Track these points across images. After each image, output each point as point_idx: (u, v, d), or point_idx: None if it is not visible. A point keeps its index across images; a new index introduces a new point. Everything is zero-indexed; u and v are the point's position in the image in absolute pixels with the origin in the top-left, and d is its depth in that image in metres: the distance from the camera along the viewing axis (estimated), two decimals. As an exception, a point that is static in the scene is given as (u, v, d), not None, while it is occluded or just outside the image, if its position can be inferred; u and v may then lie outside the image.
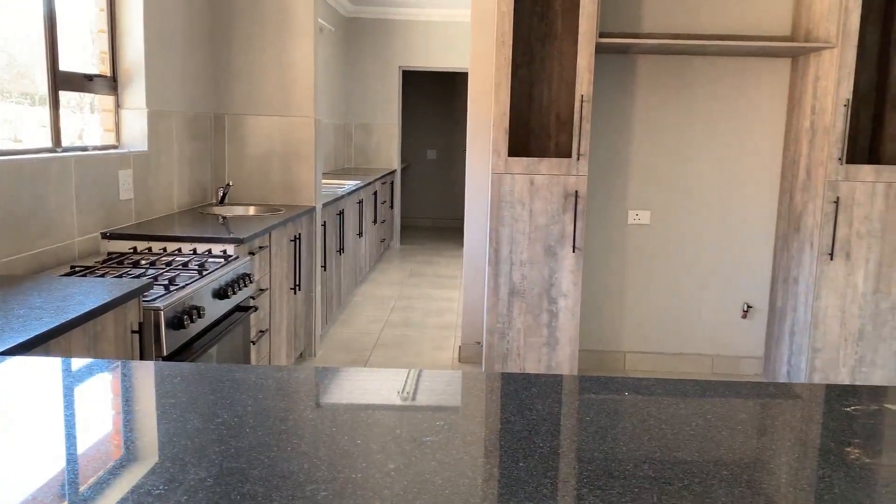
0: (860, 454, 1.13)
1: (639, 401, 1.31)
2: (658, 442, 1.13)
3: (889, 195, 3.58)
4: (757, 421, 1.25)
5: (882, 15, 3.89)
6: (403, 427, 1.16)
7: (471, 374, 1.44)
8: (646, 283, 4.19)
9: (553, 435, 1.15)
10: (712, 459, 1.08)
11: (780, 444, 1.16)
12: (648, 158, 4.10)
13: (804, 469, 1.07)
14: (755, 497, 0.97)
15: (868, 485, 1.03)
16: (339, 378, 1.41)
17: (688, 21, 3.98)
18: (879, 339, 3.66)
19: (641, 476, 1.01)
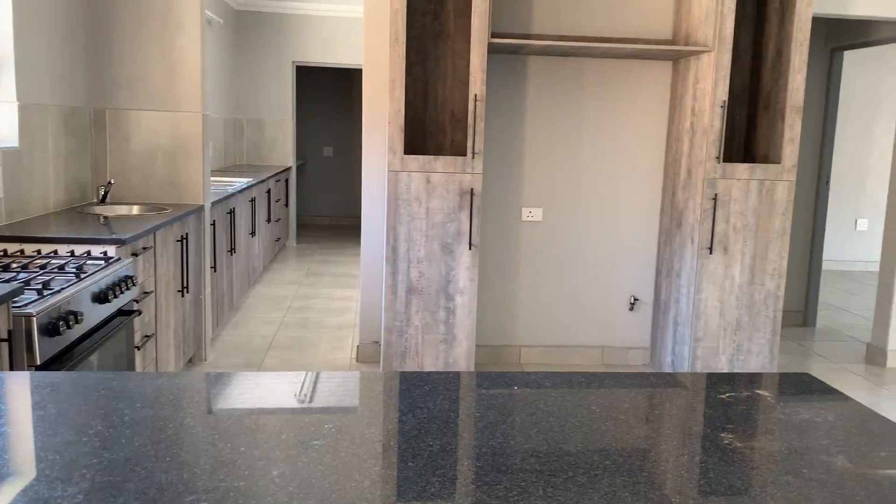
0: (733, 439, 1.19)
1: (528, 394, 1.33)
2: (545, 435, 1.15)
3: (762, 192, 3.80)
4: (639, 410, 1.29)
5: (754, 21, 4.13)
6: (290, 431, 1.13)
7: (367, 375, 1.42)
8: (539, 279, 4.28)
9: (443, 433, 1.15)
10: (597, 450, 1.11)
11: (660, 432, 1.20)
12: (541, 157, 4.19)
13: (682, 455, 1.12)
14: (636, 485, 1.00)
15: (740, 468, 1.08)
16: (226, 383, 1.36)
17: (576, 24, 4.09)
18: (754, 329, 3.89)
19: (528, 469, 1.03)
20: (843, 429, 1.26)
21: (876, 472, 1.09)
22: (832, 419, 1.30)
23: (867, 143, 7.58)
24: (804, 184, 5.34)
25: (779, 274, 3.86)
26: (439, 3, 3.94)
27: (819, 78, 5.25)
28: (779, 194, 3.81)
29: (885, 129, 7.54)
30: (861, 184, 7.65)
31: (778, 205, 3.82)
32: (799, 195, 5.33)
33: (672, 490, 0.99)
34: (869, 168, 7.62)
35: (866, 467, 1.11)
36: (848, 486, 1.04)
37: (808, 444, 1.18)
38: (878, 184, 7.60)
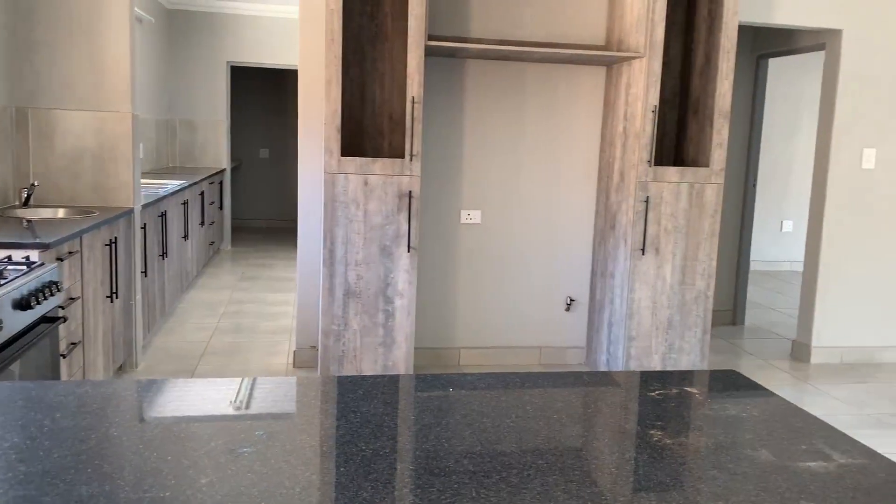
0: (662, 436, 1.21)
1: (463, 396, 1.33)
2: (479, 436, 1.15)
3: (691, 194, 3.91)
4: (572, 409, 1.31)
5: (684, 28, 4.25)
6: (220, 439, 1.11)
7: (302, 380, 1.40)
8: (477, 281, 4.31)
9: (377, 436, 1.14)
10: (529, 449, 1.11)
11: (592, 430, 1.22)
12: (480, 159, 4.22)
13: (613, 453, 1.13)
14: (567, 483, 1.01)
15: (668, 464, 1.11)
16: (156, 390, 1.32)
17: (514, 28, 4.13)
18: (685, 327, 4.00)
19: (462, 471, 1.03)
20: (767, 423, 1.30)
21: (797, 465, 1.13)
22: (757, 414, 1.34)
23: (791, 148, 7.88)
24: (732, 187, 5.51)
25: (708, 274, 3.97)
26: (376, 4, 3.92)
27: (746, 84, 5.43)
28: (708, 197, 3.92)
29: (808, 134, 7.85)
30: (786, 187, 7.95)
31: (707, 207, 3.93)
32: (727, 198, 5.50)
33: (603, 487, 1.01)
34: (793, 171, 7.92)
35: (788, 460, 1.15)
36: (771, 479, 1.07)
37: (733, 439, 1.22)
38: (802, 187, 7.91)
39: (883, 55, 4.45)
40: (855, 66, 4.44)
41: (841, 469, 1.13)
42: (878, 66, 4.46)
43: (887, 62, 4.46)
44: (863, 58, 4.44)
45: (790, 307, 6.22)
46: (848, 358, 4.66)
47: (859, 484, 1.08)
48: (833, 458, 1.17)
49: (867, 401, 3.96)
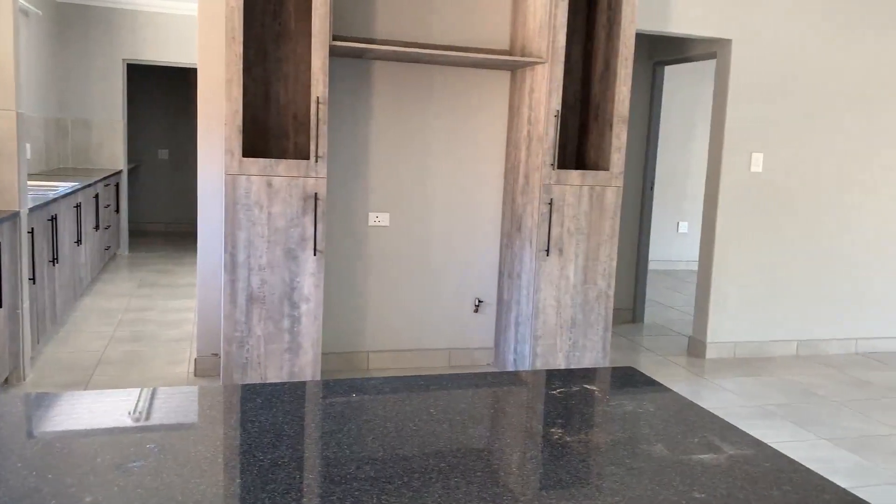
0: (562, 433, 1.23)
1: (366, 401, 1.32)
2: (381, 441, 1.14)
3: (592, 197, 4.01)
4: (475, 410, 1.31)
5: (584, 35, 4.37)
6: (108, 454, 1.05)
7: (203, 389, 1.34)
8: (386, 283, 4.29)
9: (275, 446, 1.10)
10: (432, 453, 1.11)
11: (494, 431, 1.22)
12: (387, 162, 4.20)
13: (514, 453, 1.14)
14: (469, 485, 1.01)
15: (568, 462, 1.13)
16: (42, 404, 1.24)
17: (420, 31, 4.14)
18: (588, 325, 4.10)
19: (363, 478, 1.01)
20: (663, 418, 1.34)
21: (690, 458, 1.17)
22: (653, 410, 1.38)
23: (687, 152, 8.23)
24: (631, 189, 5.70)
25: (609, 274, 4.09)
26: (279, 3, 3.85)
27: (644, 90, 5.63)
28: (608, 199, 4.04)
29: (702, 139, 8.22)
30: (682, 189, 8.29)
31: (607, 209, 4.05)
32: (627, 200, 5.69)
33: (504, 487, 1.01)
34: (689, 175, 8.27)
35: (682, 453, 1.19)
36: (665, 473, 1.11)
37: (630, 435, 1.25)
38: (697, 189, 8.28)
39: (769, 64, 4.71)
40: (744, 74, 4.67)
41: (730, 460, 1.18)
42: (766, 74, 4.71)
43: (773, 70, 4.72)
44: (751, 66, 4.68)
45: (687, 305, 6.49)
46: (740, 352, 4.90)
47: (747, 473, 1.13)
48: (723, 449, 1.22)
49: (758, 392, 4.17)
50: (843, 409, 3.95)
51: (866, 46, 4.85)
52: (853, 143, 4.93)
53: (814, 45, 4.76)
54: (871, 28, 4.84)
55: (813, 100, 4.81)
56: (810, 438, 3.52)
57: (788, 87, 4.76)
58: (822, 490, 1.09)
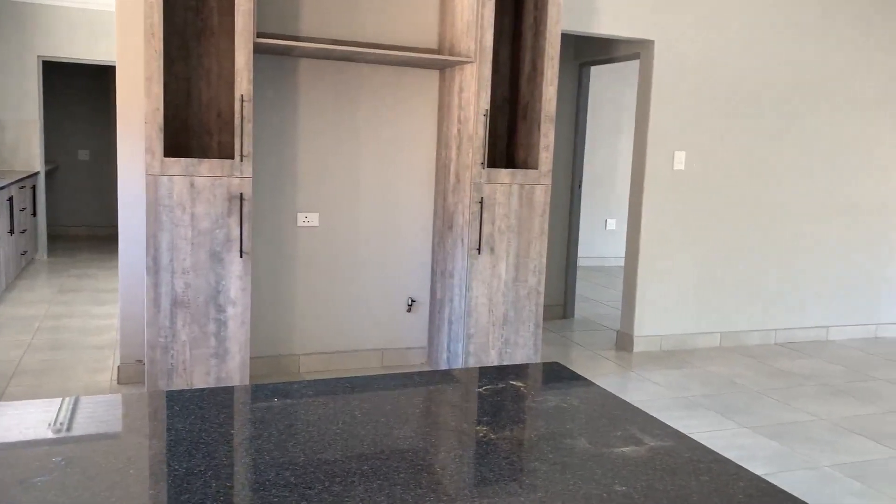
0: (488, 431, 1.23)
1: (288, 405, 1.29)
2: (303, 446, 1.12)
3: (522, 195, 4.05)
4: (401, 411, 1.30)
5: (511, 35, 4.40)
6: (9, 469, 0.99)
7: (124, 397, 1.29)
8: (317, 285, 4.23)
9: (191, 454, 1.07)
10: (355, 456, 1.09)
11: (419, 431, 1.21)
12: (316, 161, 4.14)
13: (439, 453, 1.13)
14: (392, 487, 1.00)
15: (493, 459, 1.12)
16: (-72, 421, 1.17)
17: (348, 29, 4.09)
18: (520, 322, 4.14)
19: (282, 484, 0.98)
20: (586, 412, 1.36)
21: (612, 451, 1.19)
22: (577, 404, 1.40)
23: (614, 151, 8.41)
24: (560, 187, 5.78)
25: (539, 271, 4.14)
26: (201, -1, 3.74)
27: (571, 90, 5.72)
28: (537, 197, 4.08)
29: (629, 138, 8.41)
30: (610, 187, 8.47)
31: (537, 207, 4.09)
32: (556, 198, 5.77)
33: (427, 488, 1.00)
34: (616, 173, 8.45)
35: (604, 447, 1.20)
36: (587, 467, 1.12)
37: (554, 430, 1.26)
38: (624, 187, 8.46)
39: (691, 65, 4.84)
40: (666, 74, 4.80)
41: (651, 452, 1.20)
42: (687, 74, 4.84)
43: (694, 71, 4.86)
44: (673, 67, 4.81)
45: (616, 300, 6.62)
46: (666, 345, 5.03)
47: (667, 465, 1.15)
48: (644, 442, 1.24)
49: (682, 384, 4.29)
50: (763, 397, 4.10)
51: (783, 51, 5.04)
52: (771, 142, 5.12)
53: (733, 47, 4.92)
54: (788, 33, 5.03)
55: (732, 100, 4.98)
56: (732, 427, 3.63)
57: (709, 87, 4.91)
58: (737, 478, 1.12)
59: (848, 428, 3.67)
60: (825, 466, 3.20)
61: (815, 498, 2.90)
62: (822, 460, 3.26)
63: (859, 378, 4.53)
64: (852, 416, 3.84)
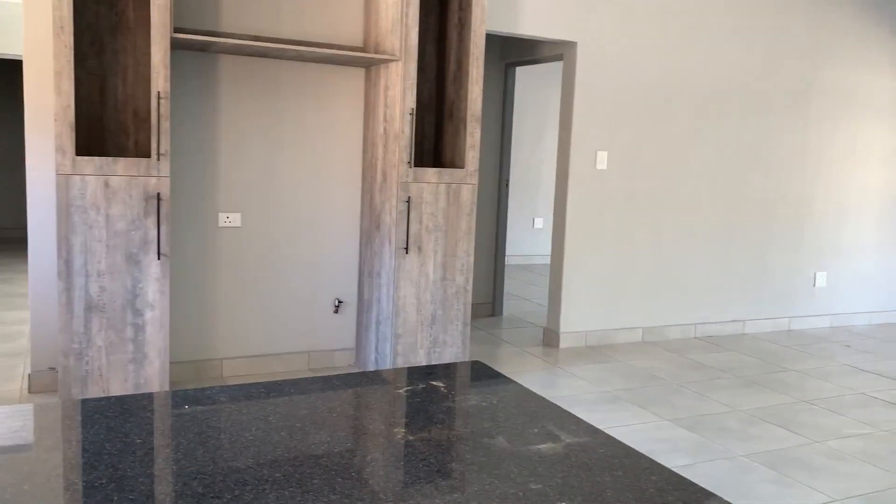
0: (405, 433, 1.22)
1: (200, 413, 1.25)
2: (213, 454, 1.08)
3: (449, 194, 4.06)
4: (317, 415, 1.27)
5: (437, 34, 4.40)
6: None
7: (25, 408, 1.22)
8: (240, 287, 4.13)
9: (94, 466, 1.02)
10: (267, 462, 1.06)
11: (335, 436, 1.19)
12: (238, 160, 4.05)
13: (355, 457, 1.12)
14: (304, 494, 0.98)
15: (410, 461, 1.11)
16: None
17: (270, 25, 4.01)
18: (448, 321, 4.15)
19: (189, 494, 0.95)
20: (505, 411, 1.36)
21: (528, 449, 1.19)
22: (496, 402, 1.40)
23: (540, 151, 8.52)
24: (488, 187, 5.83)
25: (467, 270, 4.16)
26: (114, -9, 3.61)
27: (497, 90, 5.77)
28: (464, 196, 4.10)
29: (554, 138, 8.54)
30: (537, 186, 8.58)
31: (464, 206, 4.10)
32: (484, 197, 5.81)
33: (342, 493, 0.98)
34: (542, 172, 8.57)
35: (521, 445, 1.21)
36: (504, 465, 1.12)
37: (472, 430, 1.26)
38: (550, 186, 8.59)
39: (612, 66, 4.95)
40: (588, 75, 4.89)
41: (567, 448, 1.21)
42: (609, 75, 4.95)
43: (616, 73, 4.96)
44: (595, 68, 4.90)
45: (543, 297, 6.71)
46: (591, 341, 5.13)
47: (582, 461, 1.17)
48: (561, 438, 1.25)
49: (606, 379, 4.38)
50: (683, 390, 4.22)
51: (701, 54, 5.20)
52: (690, 141, 5.28)
53: (653, 50, 5.05)
54: (705, 38, 5.20)
55: (653, 101, 5.11)
56: (653, 420, 3.73)
57: (630, 88, 5.03)
58: (650, 472, 1.14)
59: (762, 418, 3.82)
60: (740, 456, 3.31)
61: (731, 487, 3.00)
62: (737, 450, 3.38)
63: (772, 370, 4.72)
64: (766, 407, 3.99)
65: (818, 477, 3.12)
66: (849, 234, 6.04)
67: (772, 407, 3.99)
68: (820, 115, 5.75)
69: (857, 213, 6.06)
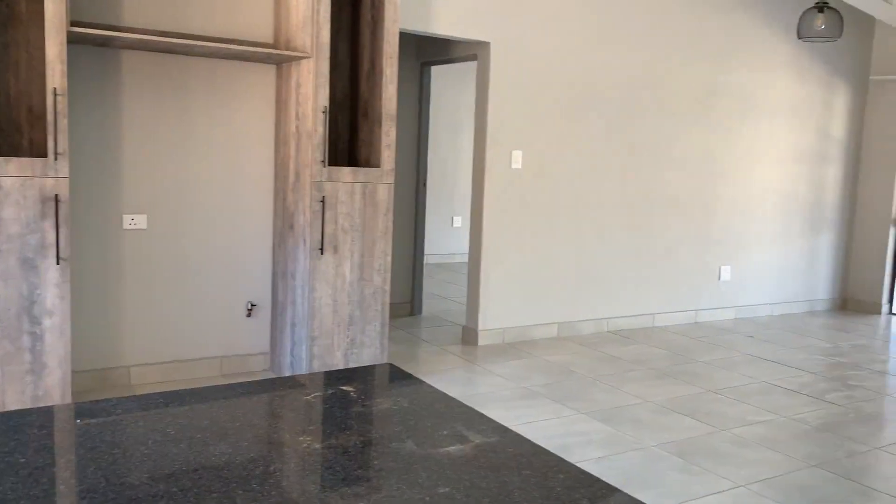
0: (311, 441, 1.19)
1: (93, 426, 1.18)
2: (104, 470, 1.03)
3: (365, 194, 4.02)
4: (219, 425, 1.23)
5: (350, 31, 4.35)
6: None
7: None
8: (147, 291, 3.98)
9: (-31, 490, 0.95)
10: (163, 477, 1.02)
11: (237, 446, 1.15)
12: (143, 159, 3.89)
13: (257, 467, 1.08)
14: (201, 509, 0.94)
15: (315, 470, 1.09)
16: None
17: (177, 19, 3.87)
18: (366, 322, 4.11)
19: (75, 517, 0.90)
20: (415, 413, 1.35)
21: (437, 451, 1.19)
22: (407, 405, 1.39)
23: (458, 150, 8.57)
24: (405, 186, 5.81)
25: (385, 269, 4.13)
26: (4, -19, 3.40)
27: (413, 89, 5.76)
28: (380, 196, 4.07)
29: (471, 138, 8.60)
30: (455, 185, 8.62)
31: (380, 206, 4.07)
32: (401, 196, 5.79)
33: (241, 507, 0.95)
34: (460, 171, 8.62)
35: (430, 448, 1.20)
36: (412, 470, 1.11)
37: (381, 435, 1.24)
38: (469, 186, 8.65)
39: (525, 66, 5.01)
40: (502, 75, 4.93)
41: (476, 449, 1.21)
42: (522, 76, 5.01)
43: (529, 74, 5.03)
44: (509, 68, 4.95)
45: (462, 296, 6.75)
46: (509, 337, 5.18)
47: (491, 462, 1.16)
48: (470, 439, 1.25)
49: (523, 375, 4.44)
50: (597, 383, 4.32)
51: (613, 57, 5.33)
52: (602, 141, 5.40)
53: (566, 50, 5.14)
54: (617, 41, 5.33)
55: (565, 101, 5.20)
56: (568, 414, 3.80)
57: (543, 89, 5.10)
58: (558, 470, 1.15)
59: (671, 408, 3.95)
60: (652, 446, 3.41)
61: (642, 477, 3.09)
62: (648, 440, 3.48)
63: (681, 361, 4.89)
64: (675, 397, 4.13)
65: (724, 464, 3.25)
66: (751, 229, 6.32)
67: (681, 397, 4.13)
68: (725, 116, 5.98)
69: (759, 209, 6.34)
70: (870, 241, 6.84)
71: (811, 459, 3.34)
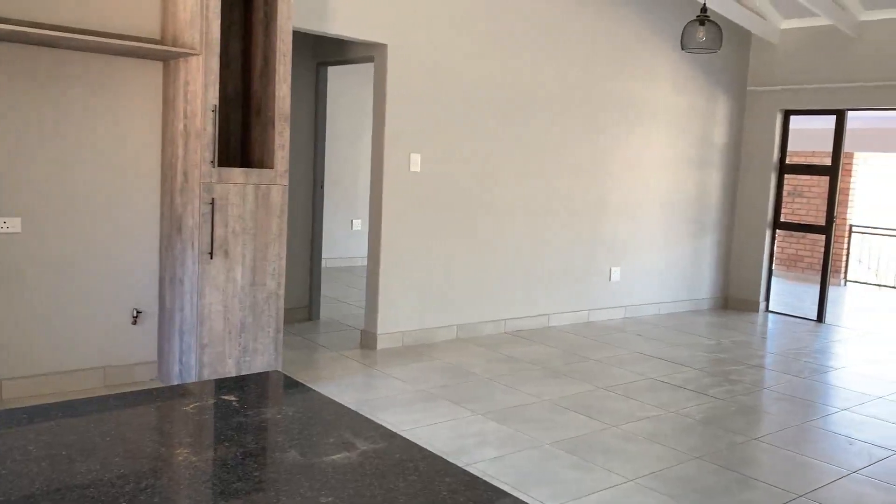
0: (188, 454, 1.14)
1: (-58, 448, 1.09)
2: (-49, 497, 0.94)
3: (258, 195, 3.91)
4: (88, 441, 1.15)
5: (242, 28, 4.23)
6: None
7: None
8: (20, 298, 3.72)
9: None
10: (21, 499, 0.94)
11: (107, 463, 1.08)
12: (16, 158, 3.64)
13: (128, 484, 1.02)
14: (61, 533, 0.87)
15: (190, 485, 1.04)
16: None
17: (53, 11, 3.65)
18: (259, 328, 4.00)
19: (-87, 549, 0.82)
20: (300, 422, 1.31)
21: (322, 460, 1.16)
22: (292, 414, 1.35)
23: (357, 152, 8.49)
24: (302, 188, 5.70)
25: (279, 273, 4.03)
26: None
27: (309, 89, 5.66)
28: (274, 198, 3.97)
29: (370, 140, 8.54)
30: (354, 188, 8.55)
31: (274, 208, 3.98)
32: (298, 199, 5.68)
33: (106, 529, 0.89)
34: (360, 174, 8.54)
35: (315, 457, 1.17)
36: (294, 481, 1.07)
37: (263, 445, 1.20)
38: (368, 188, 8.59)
39: (423, 68, 5.02)
40: (399, 78, 4.92)
41: (362, 457, 1.18)
42: (420, 78, 5.01)
43: (426, 75, 5.04)
44: (406, 71, 4.95)
45: (361, 299, 6.69)
46: (408, 341, 5.17)
47: (377, 468, 1.14)
48: (357, 446, 1.22)
49: (422, 377, 4.44)
50: (493, 383, 4.38)
51: (506, 61, 5.41)
52: (497, 144, 5.48)
53: (462, 54, 5.18)
54: (509, 46, 5.41)
55: (462, 104, 5.24)
56: (466, 415, 3.83)
57: (441, 92, 5.13)
58: (444, 474, 1.14)
59: (565, 406, 4.04)
60: (546, 444, 3.48)
61: (537, 475, 3.14)
62: (543, 438, 3.55)
63: (574, 360, 5.02)
64: (569, 395, 4.23)
65: (614, 459, 3.35)
66: (639, 232, 6.57)
67: (574, 395, 4.24)
68: (613, 123, 6.20)
69: (646, 213, 6.61)
70: (748, 242, 7.25)
71: (695, 452, 3.49)
